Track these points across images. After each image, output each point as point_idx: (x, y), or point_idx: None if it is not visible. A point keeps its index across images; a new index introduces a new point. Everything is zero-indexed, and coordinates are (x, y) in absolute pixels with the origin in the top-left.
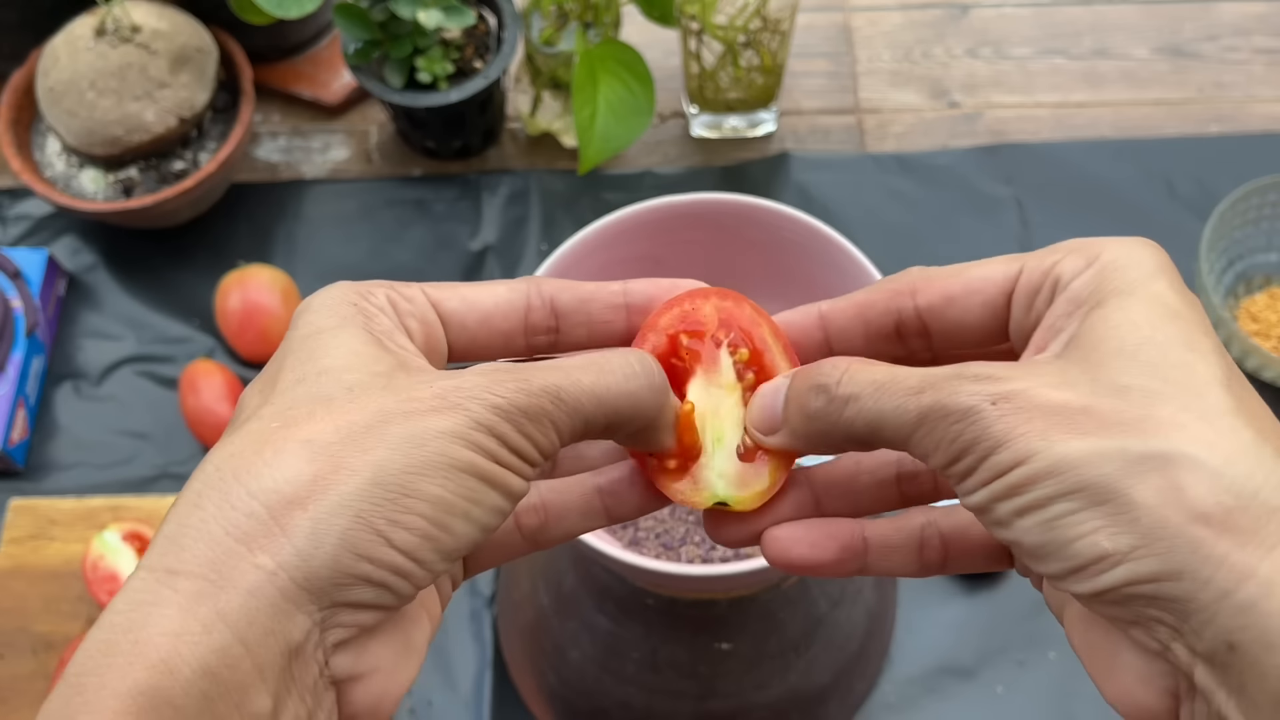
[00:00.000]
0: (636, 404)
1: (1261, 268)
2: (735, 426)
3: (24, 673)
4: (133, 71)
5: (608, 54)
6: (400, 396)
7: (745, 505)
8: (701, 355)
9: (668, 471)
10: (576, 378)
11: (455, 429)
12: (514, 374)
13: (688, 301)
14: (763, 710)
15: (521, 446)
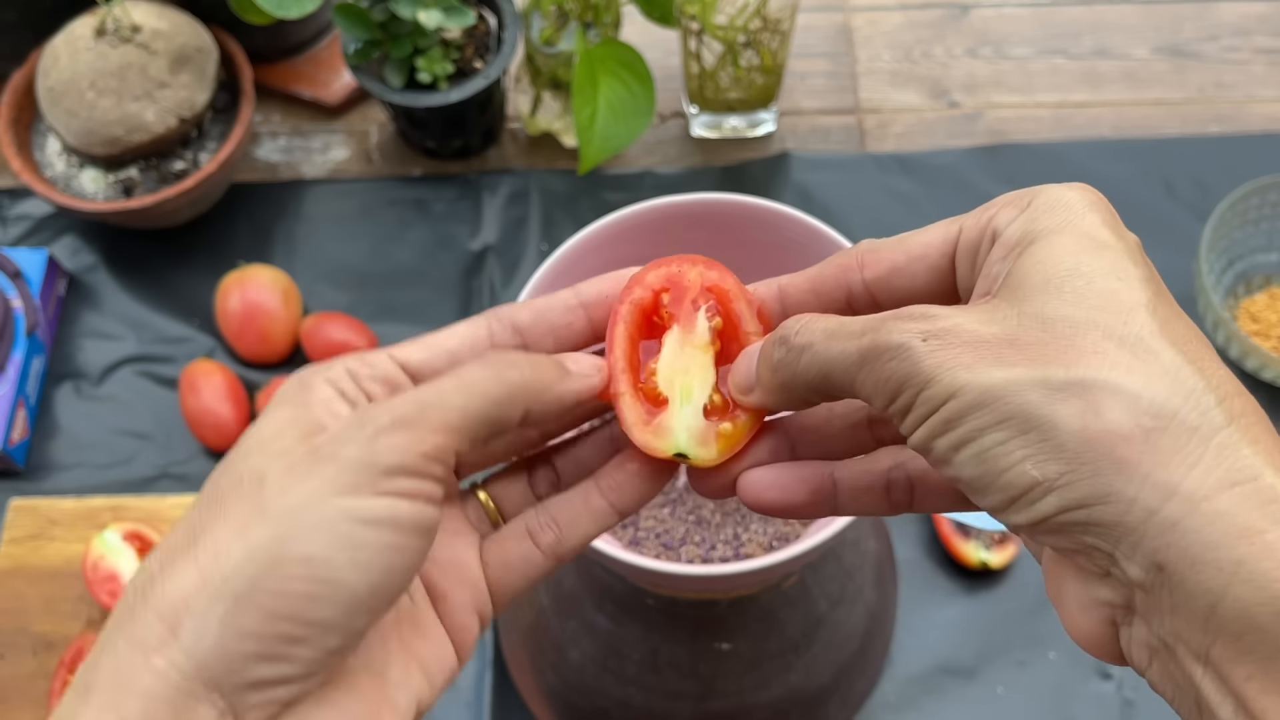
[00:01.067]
0: (502, 399)
1: (1261, 268)
2: (704, 385)
3: (24, 673)
4: (133, 71)
5: (608, 54)
6: (281, 465)
7: (704, 462)
8: (679, 315)
9: (641, 423)
10: (433, 397)
11: (323, 482)
12: (376, 411)
13: (675, 264)
14: (763, 710)
15: (398, 485)
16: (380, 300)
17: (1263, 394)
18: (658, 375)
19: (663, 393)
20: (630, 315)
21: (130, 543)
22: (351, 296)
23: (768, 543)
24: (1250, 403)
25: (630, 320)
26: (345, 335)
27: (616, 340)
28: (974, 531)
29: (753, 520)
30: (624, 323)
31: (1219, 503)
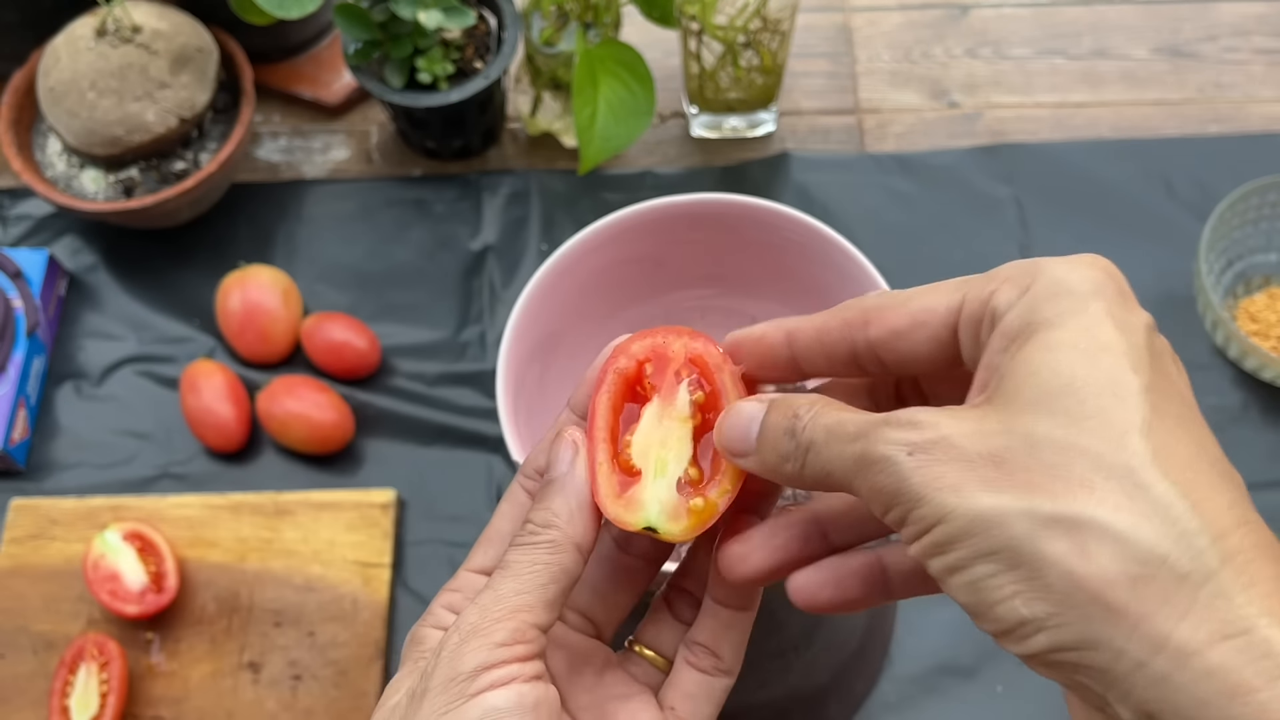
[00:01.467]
0: (541, 559)
1: (1261, 268)
2: (680, 459)
3: (25, 672)
4: (133, 72)
5: (608, 54)
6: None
7: (673, 537)
8: (661, 386)
9: (613, 495)
10: (489, 597)
11: (426, 716)
12: (449, 633)
13: (660, 335)
14: (763, 710)
15: (485, 680)
16: (380, 300)
17: (1262, 394)
18: (633, 447)
19: (636, 464)
20: (613, 384)
21: (131, 542)
22: (352, 296)
23: None
24: (1253, 534)
25: (612, 389)
26: (346, 335)
27: (598, 409)
28: None
29: None
30: (606, 392)
31: (1210, 658)
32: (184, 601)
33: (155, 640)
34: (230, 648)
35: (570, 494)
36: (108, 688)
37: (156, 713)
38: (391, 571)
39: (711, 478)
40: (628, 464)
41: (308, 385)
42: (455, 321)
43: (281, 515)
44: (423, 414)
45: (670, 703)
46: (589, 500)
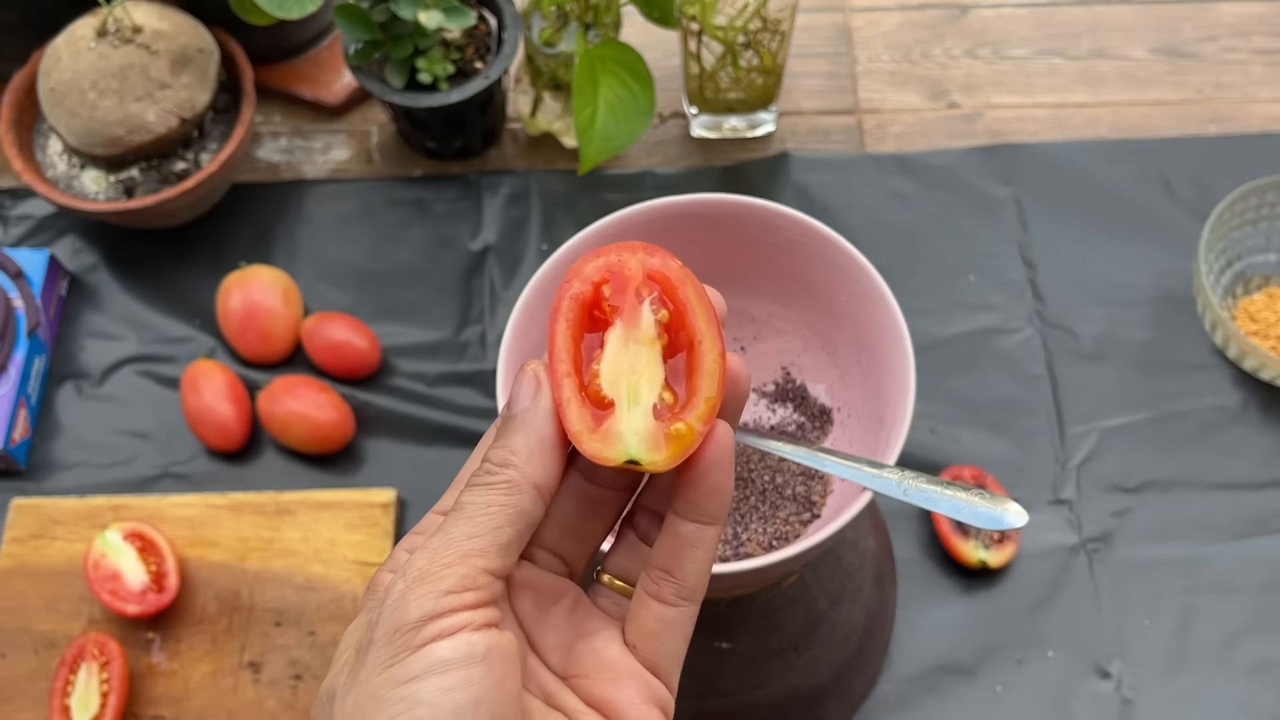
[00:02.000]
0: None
1: (1260, 268)
2: (652, 384)
3: (25, 672)
4: (134, 72)
5: (608, 55)
6: (345, 675)
7: (658, 467)
8: (623, 308)
9: (587, 431)
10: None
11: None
12: (396, 579)
13: (615, 253)
14: (762, 709)
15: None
16: (381, 300)
17: (1262, 394)
18: (601, 376)
19: (607, 395)
20: (570, 312)
21: (131, 542)
22: (352, 296)
23: (767, 542)
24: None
25: (570, 317)
26: (346, 335)
27: (557, 342)
28: (973, 531)
29: (752, 520)
30: (564, 320)
31: None
32: (184, 601)
33: (156, 640)
34: (231, 647)
35: (530, 431)
36: (108, 687)
37: (157, 712)
38: None
39: (688, 399)
40: (598, 395)
41: (308, 385)
42: (455, 321)
43: (282, 515)
44: (423, 414)
45: (632, 640)
46: (551, 437)
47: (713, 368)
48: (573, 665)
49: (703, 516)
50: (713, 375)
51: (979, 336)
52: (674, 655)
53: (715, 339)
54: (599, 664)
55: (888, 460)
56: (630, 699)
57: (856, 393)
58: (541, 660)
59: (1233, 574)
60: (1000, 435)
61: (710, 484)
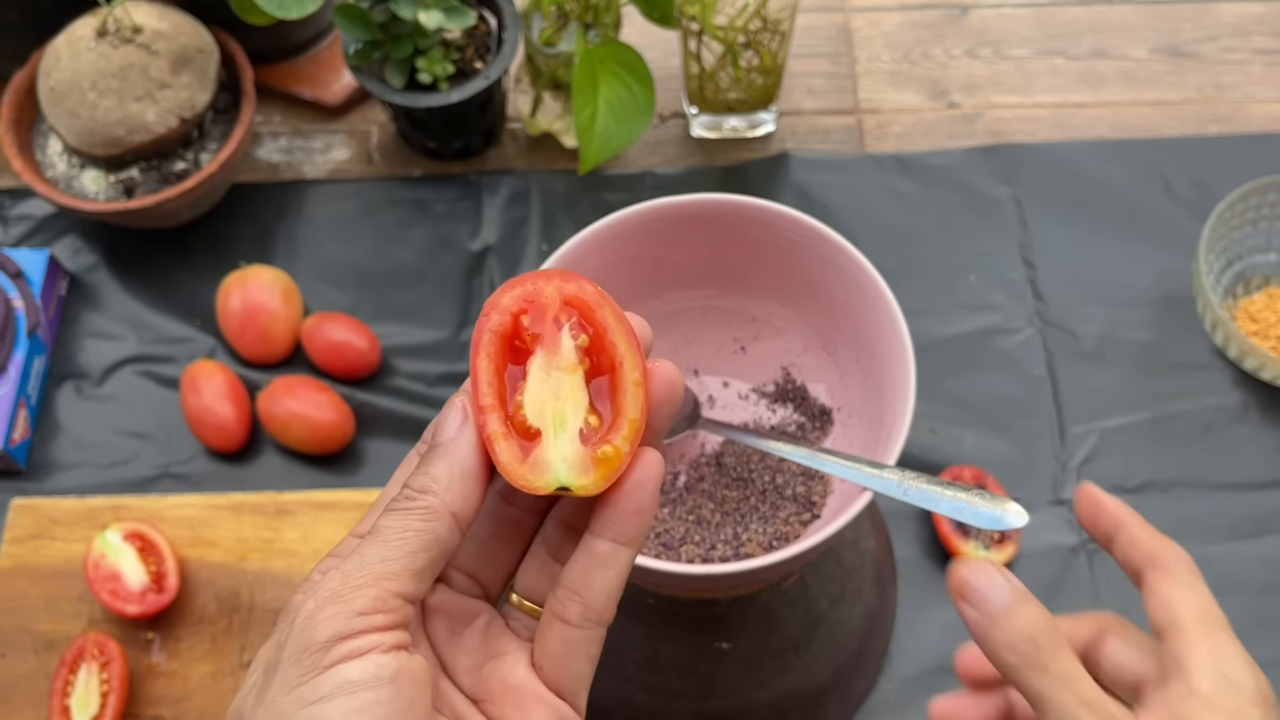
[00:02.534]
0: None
1: (1260, 268)
2: (577, 409)
3: (25, 672)
4: (134, 72)
5: (608, 54)
6: (253, 697)
7: (588, 490)
8: (543, 336)
9: (516, 461)
10: (354, 563)
11: (277, 689)
12: (307, 599)
13: (530, 282)
14: (763, 709)
15: (340, 651)
16: (381, 300)
17: (1262, 394)
18: (526, 407)
19: (533, 425)
20: (490, 345)
21: (131, 542)
22: (352, 296)
23: (767, 542)
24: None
25: (491, 350)
26: (346, 335)
27: (480, 374)
28: (974, 531)
29: (752, 520)
30: (484, 354)
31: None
32: (184, 601)
33: (156, 640)
34: (231, 647)
35: (453, 459)
36: (108, 687)
37: (157, 712)
38: None
39: (613, 421)
40: (524, 425)
41: (308, 385)
42: (455, 321)
43: (282, 515)
44: (423, 414)
45: (538, 662)
46: (473, 467)
47: (634, 389)
48: (482, 689)
49: (620, 537)
50: (635, 396)
51: (979, 336)
52: (579, 677)
53: (635, 359)
54: (505, 688)
55: (888, 460)
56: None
57: (856, 393)
58: (454, 683)
59: (1233, 574)
60: (1000, 435)
61: (633, 504)
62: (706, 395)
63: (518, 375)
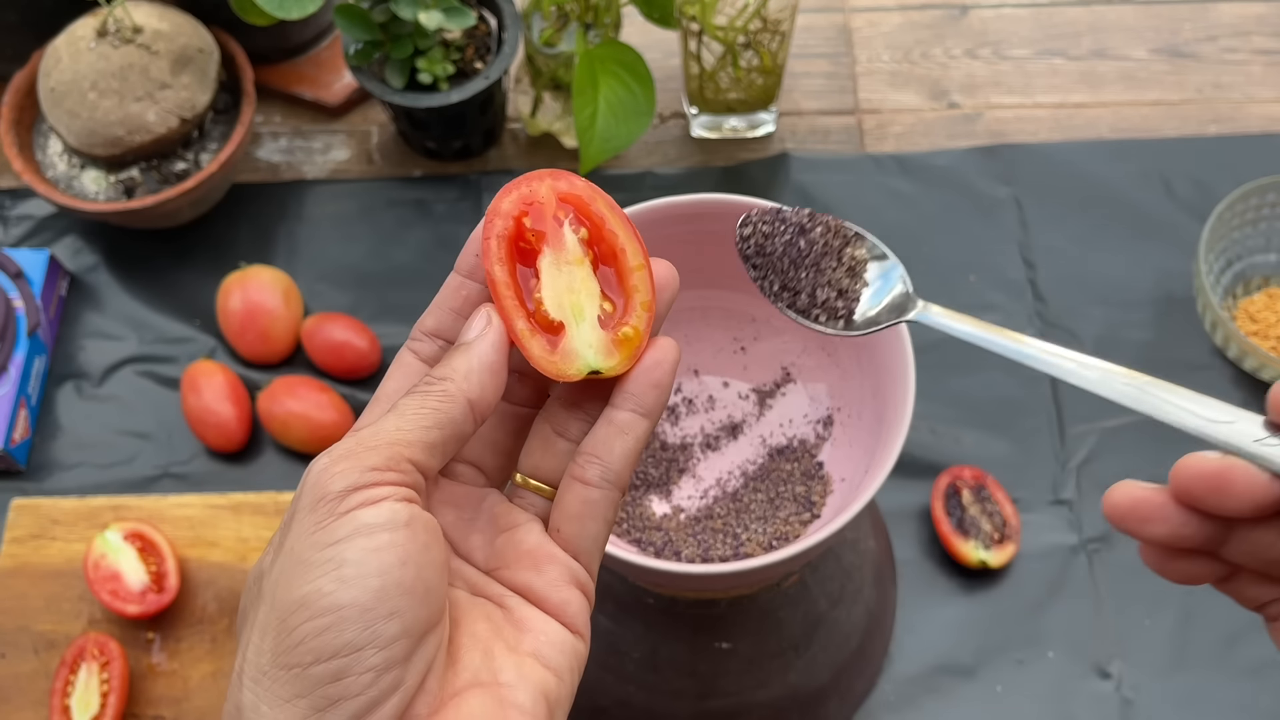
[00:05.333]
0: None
1: (1260, 268)
2: (591, 298)
3: (26, 671)
4: (134, 72)
5: (608, 55)
6: (271, 554)
7: (616, 370)
8: (547, 234)
9: (546, 354)
10: (369, 431)
11: (296, 536)
12: (320, 462)
13: (525, 184)
14: (762, 709)
15: (355, 500)
16: (381, 300)
17: (1262, 394)
18: (545, 303)
19: (555, 318)
20: (499, 250)
21: (131, 542)
22: (352, 296)
23: (767, 542)
24: None
25: (502, 255)
26: (346, 335)
27: (497, 280)
28: (973, 531)
29: (752, 520)
30: (496, 261)
31: None
32: (185, 601)
33: (156, 640)
34: (231, 647)
35: (474, 355)
36: (108, 687)
37: (157, 712)
38: None
39: (625, 305)
40: (546, 320)
41: (308, 385)
42: None
43: (282, 515)
44: None
45: (556, 524)
46: (492, 363)
47: (640, 271)
48: (495, 559)
49: (640, 408)
50: (642, 278)
51: None
52: (595, 538)
53: (635, 245)
54: (519, 554)
55: (886, 461)
56: (551, 580)
57: (856, 393)
58: (466, 560)
59: None
60: (1000, 435)
61: (652, 380)
62: (707, 395)
63: (528, 275)
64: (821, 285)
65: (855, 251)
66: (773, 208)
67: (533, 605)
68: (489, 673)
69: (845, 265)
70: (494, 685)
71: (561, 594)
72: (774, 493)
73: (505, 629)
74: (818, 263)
